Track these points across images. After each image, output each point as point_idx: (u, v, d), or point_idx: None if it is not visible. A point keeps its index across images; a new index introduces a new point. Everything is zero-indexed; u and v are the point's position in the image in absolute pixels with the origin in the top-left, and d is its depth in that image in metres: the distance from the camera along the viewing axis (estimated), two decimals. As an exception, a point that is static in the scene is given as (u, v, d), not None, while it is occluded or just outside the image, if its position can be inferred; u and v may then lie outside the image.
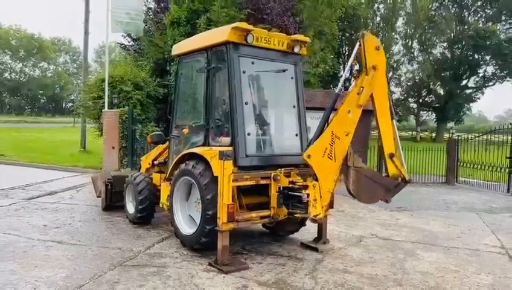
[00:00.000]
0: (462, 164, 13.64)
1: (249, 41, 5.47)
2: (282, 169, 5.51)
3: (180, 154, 6.08)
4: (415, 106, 49.15)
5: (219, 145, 5.55)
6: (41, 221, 7.27)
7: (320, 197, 5.12)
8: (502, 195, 11.67)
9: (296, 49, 6.00)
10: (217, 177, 5.18)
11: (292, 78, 6.08)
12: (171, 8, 14.47)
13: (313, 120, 6.92)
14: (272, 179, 5.47)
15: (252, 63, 5.67)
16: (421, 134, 47.57)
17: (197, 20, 14.22)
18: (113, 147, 13.42)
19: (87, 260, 5.37)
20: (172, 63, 14.44)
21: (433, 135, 46.99)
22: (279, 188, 5.47)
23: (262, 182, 5.48)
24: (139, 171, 8.07)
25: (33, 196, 9.53)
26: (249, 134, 5.51)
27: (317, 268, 5.36)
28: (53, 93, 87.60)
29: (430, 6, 41.39)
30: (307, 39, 6.11)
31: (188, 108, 6.62)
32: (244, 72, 5.54)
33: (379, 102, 5.20)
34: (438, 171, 13.79)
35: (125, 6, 13.89)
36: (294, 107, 6.07)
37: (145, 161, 7.87)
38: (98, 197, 8.47)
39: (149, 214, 7.15)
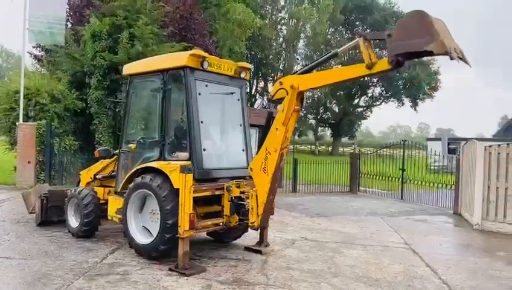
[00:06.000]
0: (363, 175, 15.56)
1: (205, 67, 6.13)
2: (234, 181, 6.21)
3: (134, 169, 6.45)
4: (313, 122, 52.82)
5: (176, 160, 6.08)
6: (-26, 239, 7.01)
7: (257, 206, 5.86)
8: (397, 201, 13.63)
9: (242, 75, 6.80)
10: (175, 189, 5.70)
11: (238, 99, 6.85)
12: (91, 21, 14.32)
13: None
14: (225, 190, 6.15)
15: (206, 86, 6.32)
16: (319, 148, 51.35)
17: (119, 35, 14.32)
18: (28, 162, 12.88)
19: (47, 273, 5.48)
20: (92, 76, 14.30)
21: (330, 148, 51.06)
22: (231, 198, 6.16)
23: (217, 192, 6.13)
24: (77, 185, 8.15)
25: None
26: (204, 149, 6.12)
27: (265, 267, 6.13)
28: None
29: (327, 30, 45.26)
30: (250, 66, 6.95)
31: (140, 125, 7.01)
32: (199, 93, 6.16)
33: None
34: (341, 181, 15.54)
35: (45, 15, 13.47)
36: (240, 125, 6.84)
37: (86, 175, 7.97)
38: (31, 213, 8.30)
39: (94, 227, 7.31)
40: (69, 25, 16.07)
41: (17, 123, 13.05)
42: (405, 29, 4.47)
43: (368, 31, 47.86)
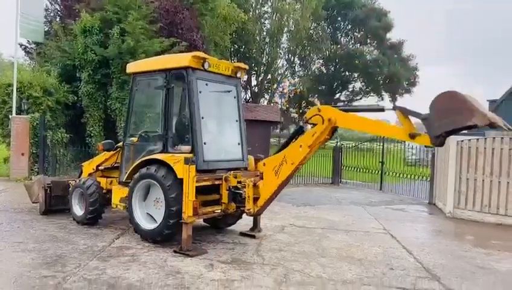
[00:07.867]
0: (344, 167, 16.36)
1: (206, 68, 6.69)
2: (231, 172, 6.82)
3: (139, 160, 6.98)
4: (296, 115, 53.66)
5: (178, 152, 6.64)
6: (-16, 226, 7.44)
7: (253, 195, 6.39)
8: (376, 192, 14.49)
9: (238, 74, 7.38)
10: (179, 178, 6.29)
11: (235, 97, 7.44)
12: (82, 16, 14.59)
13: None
14: (223, 180, 6.75)
15: (206, 84, 6.89)
16: (301, 141, 52.29)
17: (110, 30, 14.64)
18: (22, 154, 13.20)
19: (62, 255, 6.00)
20: (83, 70, 14.60)
21: (311, 142, 52.01)
22: (229, 187, 6.77)
23: (217, 182, 6.72)
24: (79, 176, 8.63)
25: (-50, 204, 9.26)
26: (205, 143, 6.69)
27: (259, 249, 6.78)
28: None
29: (310, 26, 45.99)
30: (246, 66, 7.54)
31: (144, 119, 7.53)
32: (200, 92, 6.73)
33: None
34: (324, 173, 16.31)
35: (33, 13, 13.85)
36: (236, 121, 7.44)
37: (88, 167, 8.46)
38: (34, 202, 8.74)
39: (98, 215, 7.82)
40: (58, 19, 16.27)
41: (10, 116, 13.32)
42: (441, 111, 4.74)
43: (350, 26, 48.96)
